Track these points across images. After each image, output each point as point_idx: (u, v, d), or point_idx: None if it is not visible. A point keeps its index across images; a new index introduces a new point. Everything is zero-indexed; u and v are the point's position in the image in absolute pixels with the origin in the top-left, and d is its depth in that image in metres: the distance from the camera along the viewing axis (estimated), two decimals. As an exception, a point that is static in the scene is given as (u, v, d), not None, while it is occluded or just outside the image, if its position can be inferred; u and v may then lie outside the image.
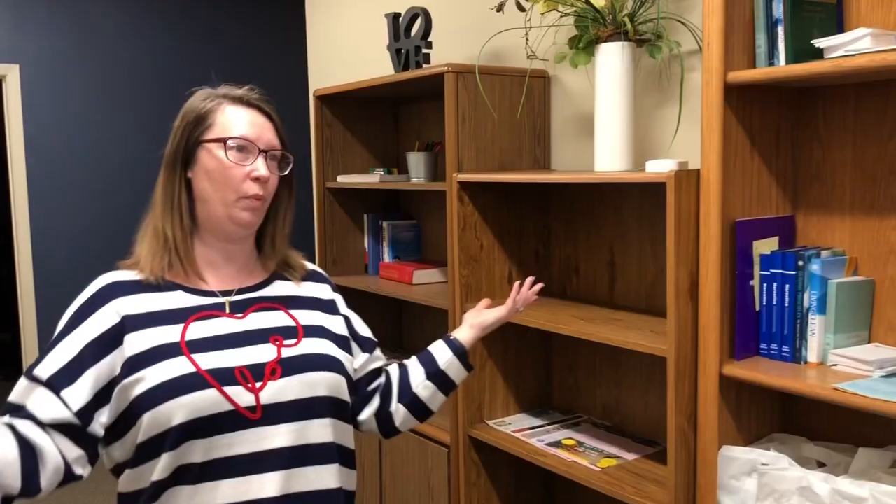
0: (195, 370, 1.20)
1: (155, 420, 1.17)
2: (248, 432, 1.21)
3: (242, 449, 1.21)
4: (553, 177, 1.99)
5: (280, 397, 1.24)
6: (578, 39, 2.07)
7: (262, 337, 1.28)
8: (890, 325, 1.64)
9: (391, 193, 3.20)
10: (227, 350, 1.24)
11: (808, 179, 1.76)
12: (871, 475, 1.52)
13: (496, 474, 2.38)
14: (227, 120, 1.29)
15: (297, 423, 1.25)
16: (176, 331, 1.24)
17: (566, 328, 1.98)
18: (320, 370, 1.29)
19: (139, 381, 1.19)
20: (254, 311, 1.32)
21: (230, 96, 1.33)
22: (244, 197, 1.28)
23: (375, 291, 2.78)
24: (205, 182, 1.29)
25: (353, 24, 3.48)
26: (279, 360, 1.26)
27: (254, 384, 1.22)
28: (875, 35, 1.45)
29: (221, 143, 1.28)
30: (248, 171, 1.28)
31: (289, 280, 1.41)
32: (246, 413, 1.21)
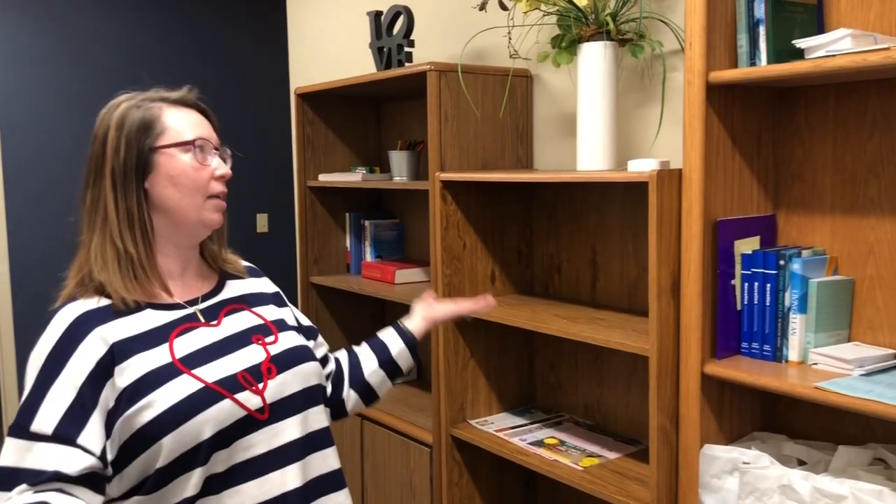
0: (204, 385, 1.20)
1: (180, 440, 1.16)
2: (261, 432, 1.24)
3: (259, 450, 1.24)
4: (536, 176, 1.98)
5: (281, 393, 1.29)
6: (561, 39, 2.07)
7: (245, 339, 1.31)
8: (869, 324, 1.65)
9: (373, 192, 3.19)
10: (221, 359, 1.25)
11: (789, 179, 1.77)
12: (850, 473, 1.53)
13: (478, 474, 2.38)
14: (178, 123, 1.27)
15: (300, 414, 1.31)
16: (163, 351, 1.22)
17: (549, 327, 1.98)
18: (305, 361, 1.35)
19: (146, 409, 1.16)
20: (224, 315, 1.33)
21: (169, 99, 1.30)
22: (212, 197, 1.29)
23: (358, 291, 2.77)
24: (168, 189, 1.26)
25: (334, 21, 3.46)
26: (270, 358, 1.30)
27: (256, 386, 1.25)
28: (855, 36, 1.46)
29: (185, 146, 1.26)
30: (211, 170, 1.29)
31: (237, 278, 1.42)
32: (256, 415, 1.24)
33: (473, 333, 2.34)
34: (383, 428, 2.62)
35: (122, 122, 1.25)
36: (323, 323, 3.09)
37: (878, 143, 1.61)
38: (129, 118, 1.26)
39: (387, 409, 2.66)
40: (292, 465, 1.27)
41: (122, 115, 1.26)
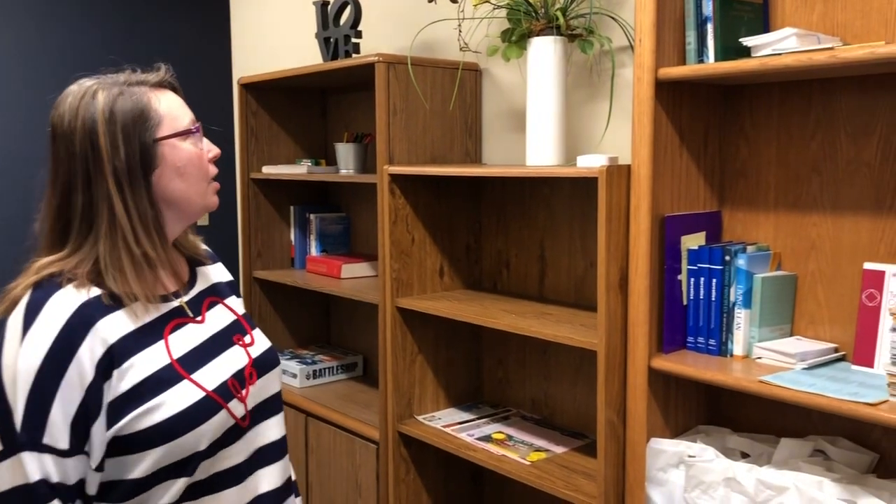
0: (205, 394, 1.16)
1: (175, 451, 1.11)
2: (242, 440, 1.22)
3: (240, 457, 1.21)
4: (485, 171, 1.97)
5: (259, 398, 1.26)
6: (511, 33, 2.06)
7: (228, 339, 1.27)
8: (811, 319, 1.69)
9: (319, 185, 3.14)
10: (212, 362, 1.21)
11: (735, 176, 1.80)
12: (792, 464, 1.56)
13: (425, 469, 2.36)
14: (170, 108, 1.20)
15: (273, 417, 1.28)
16: (160, 351, 1.15)
17: (497, 322, 1.97)
18: (276, 363, 1.33)
19: (145, 415, 1.10)
20: (206, 309, 1.28)
21: (150, 83, 1.21)
22: (212, 180, 1.26)
23: (302, 286, 2.72)
24: (176, 181, 1.19)
25: (279, 10, 3.39)
26: (252, 362, 1.27)
27: (241, 393, 1.22)
28: (800, 35, 1.48)
29: (185, 134, 1.20)
30: (207, 153, 1.25)
31: (203, 264, 1.37)
32: (240, 422, 1.21)
33: (421, 328, 2.32)
34: (328, 425, 2.58)
35: (112, 114, 1.13)
36: (266, 319, 3.03)
37: (821, 141, 1.64)
38: (119, 108, 1.14)
39: (332, 406, 2.62)
40: (267, 469, 1.26)
41: (107, 105, 1.14)
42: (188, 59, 4.00)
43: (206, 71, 4.07)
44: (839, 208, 1.63)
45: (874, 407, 1.34)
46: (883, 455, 1.58)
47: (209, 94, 4.09)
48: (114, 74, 1.21)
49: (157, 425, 1.10)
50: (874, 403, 1.35)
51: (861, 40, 1.55)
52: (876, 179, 1.57)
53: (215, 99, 4.04)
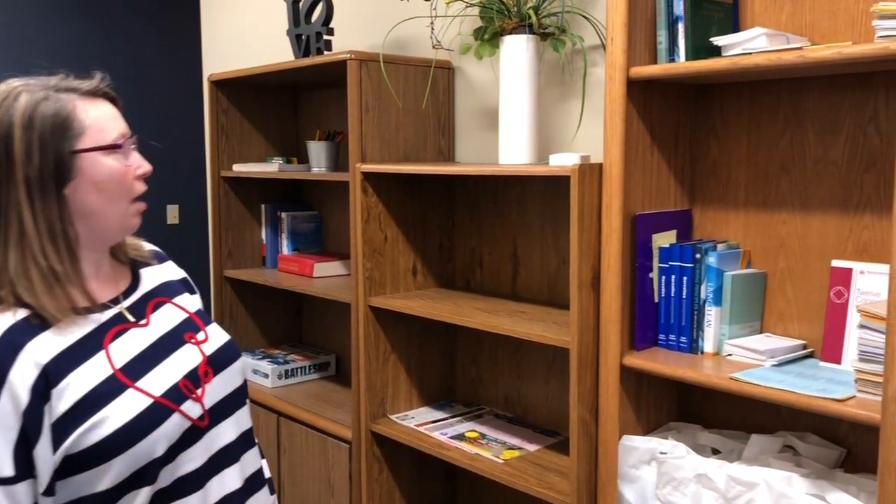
0: (153, 400, 1.13)
1: (131, 461, 1.09)
2: (203, 440, 1.19)
3: (202, 459, 1.19)
4: (457, 169, 1.97)
5: (217, 397, 1.23)
6: (483, 31, 2.06)
7: (178, 339, 1.24)
8: (780, 316, 1.70)
9: (290, 183, 3.11)
10: (160, 365, 1.18)
11: (705, 174, 1.81)
12: (762, 460, 1.58)
13: (399, 469, 2.36)
14: (97, 120, 1.14)
15: (234, 415, 1.26)
16: (101, 362, 1.12)
17: (470, 321, 1.97)
18: (235, 359, 1.31)
19: (91, 430, 1.07)
20: (151, 311, 1.25)
21: (81, 90, 1.15)
22: (135, 200, 1.20)
23: (274, 285, 2.70)
24: (91, 195, 1.14)
25: (250, 7, 3.36)
26: (206, 360, 1.24)
27: (196, 393, 1.20)
28: (769, 35, 1.50)
29: (111, 149, 1.14)
30: (134, 169, 1.19)
31: (147, 265, 1.34)
32: (198, 423, 1.18)
33: (394, 327, 2.31)
34: (300, 425, 2.56)
35: (31, 120, 1.09)
36: (238, 318, 3.00)
37: (790, 140, 1.66)
38: (39, 114, 1.09)
39: (304, 406, 2.60)
40: (231, 468, 1.24)
41: (27, 109, 1.09)
42: (158, 56, 3.94)
43: (175, 68, 4.02)
44: (808, 207, 1.65)
45: (842, 403, 1.36)
46: (850, 450, 1.61)
47: (179, 92, 4.04)
48: (46, 77, 1.16)
49: (106, 439, 1.07)
50: (842, 399, 1.37)
51: (829, 40, 1.57)
52: (843, 178, 1.59)
53: (185, 96, 4.00)
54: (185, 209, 4.20)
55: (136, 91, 3.84)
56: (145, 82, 3.83)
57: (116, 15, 3.86)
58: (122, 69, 3.71)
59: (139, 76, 3.82)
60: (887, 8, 1.31)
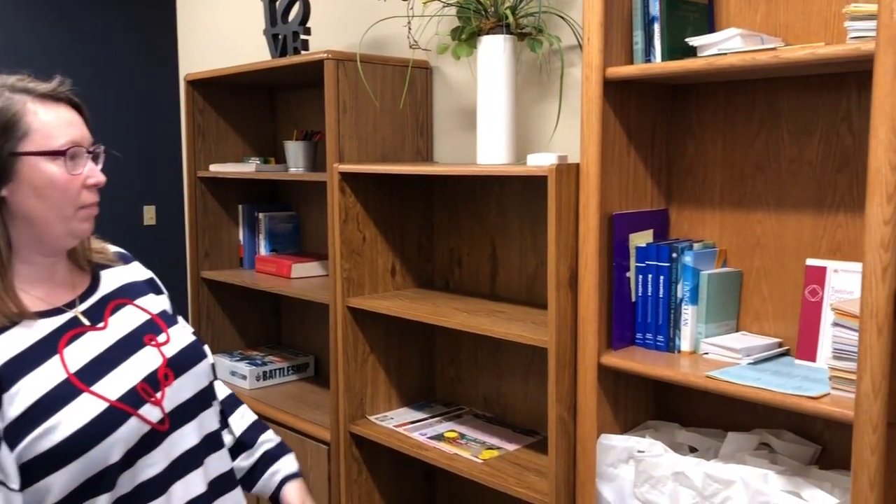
0: (108, 404, 1.11)
1: (85, 468, 1.07)
2: (163, 445, 1.17)
3: (163, 463, 1.17)
4: (435, 169, 1.97)
5: (178, 400, 1.21)
6: (461, 31, 2.06)
7: (137, 341, 1.22)
8: (756, 315, 1.72)
9: (268, 184, 3.09)
10: (117, 369, 1.16)
11: (681, 174, 1.82)
12: (738, 458, 1.59)
13: (378, 470, 2.35)
14: (46, 125, 1.11)
15: (196, 418, 1.24)
16: (55, 366, 1.11)
17: (449, 321, 1.96)
18: (199, 360, 1.28)
19: (44, 436, 1.05)
20: (110, 314, 1.23)
21: (36, 92, 1.13)
22: (83, 207, 1.16)
23: (251, 286, 2.68)
24: (31, 200, 1.11)
25: (227, 6, 3.33)
26: (166, 362, 1.22)
27: (155, 396, 1.17)
28: (744, 35, 1.51)
29: (55, 156, 1.11)
30: (83, 179, 1.15)
31: (109, 266, 1.31)
32: (157, 427, 1.17)
33: (373, 328, 2.30)
34: (278, 426, 2.54)
35: None
36: (215, 320, 2.98)
37: (765, 140, 1.68)
38: None
39: (282, 407, 2.59)
40: (195, 472, 1.22)
41: None
42: (133, 56, 3.91)
43: (152, 68, 3.98)
44: (782, 206, 1.66)
45: (816, 400, 1.37)
46: (825, 446, 1.62)
47: (155, 92, 4.01)
48: (5, 76, 1.15)
49: (58, 445, 1.05)
50: (816, 397, 1.38)
51: (802, 41, 1.59)
52: (817, 178, 1.61)
53: (162, 96, 3.96)
54: (161, 210, 4.16)
55: (112, 91, 3.80)
56: (121, 82, 3.80)
57: (91, 14, 3.82)
58: (96, 69, 3.67)
59: (114, 76, 3.78)
60: (859, 10, 1.32)
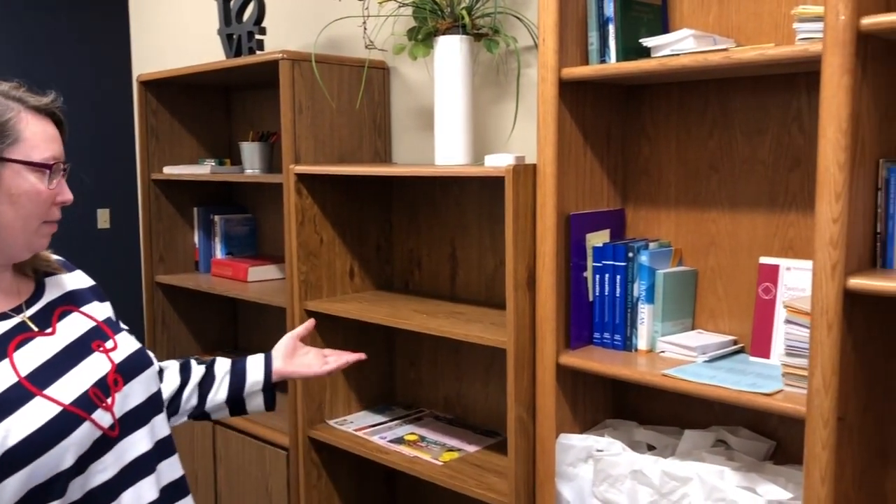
0: (62, 408, 1.09)
1: (36, 473, 1.05)
2: (114, 451, 1.17)
3: (113, 469, 1.16)
4: (392, 170, 1.95)
5: (128, 406, 1.21)
6: (417, 31, 2.05)
7: (85, 347, 1.21)
8: (711, 313, 1.74)
9: (223, 186, 3.05)
10: (68, 373, 1.15)
11: (637, 174, 1.83)
12: (695, 455, 1.61)
13: (338, 474, 2.33)
14: (35, 136, 1.14)
15: (147, 424, 1.24)
16: (5, 369, 1.09)
17: (408, 323, 1.95)
18: (147, 366, 1.28)
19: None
20: (57, 320, 1.22)
21: (29, 104, 1.15)
22: (47, 222, 1.17)
23: (207, 290, 2.64)
24: (4, 206, 1.12)
25: (180, 5, 3.28)
26: (115, 368, 1.21)
27: (106, 401, 1.17)
28: (697, 36, 1.52)
29: (40, 168, 1.13)
30: (54, 195, 1.17)
31: (53, 274, 1.30)
32: (108, 433, 1.16)
33: (331, 331, 2.28)
34: (237, 432, 2.51)
35: None
36: (170, 325, 2.93)
37: (718, 140, 1.69)
38: None
39: (241, 412, 2.55)
40: (146, 479, 1.21)
41: None
42: (85, 56, 3.82)
43: (104, 68, 3.90)
44: (736, 205, 1.68)
45: (770, 397, 1.39)
46: (780, 442, 1.64)
47: (108, 93, 3.93)
48: (2, 81, 1.17)
49: (10, 450, 1.04)
50: (770, 393, 1.40)
51: (754, 42, 1.61)
52: (770, 177, 1.63)
53: (114, 97, 3.88)
54: (115, 213, 4.08)
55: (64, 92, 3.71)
56: (72, 83, 3.71)
57: (41, 14, 3.72)
58: (47, 70, 3.58)
59: (66, 76, 3.70)
60: (806, 12, 1.34)
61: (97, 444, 1.14)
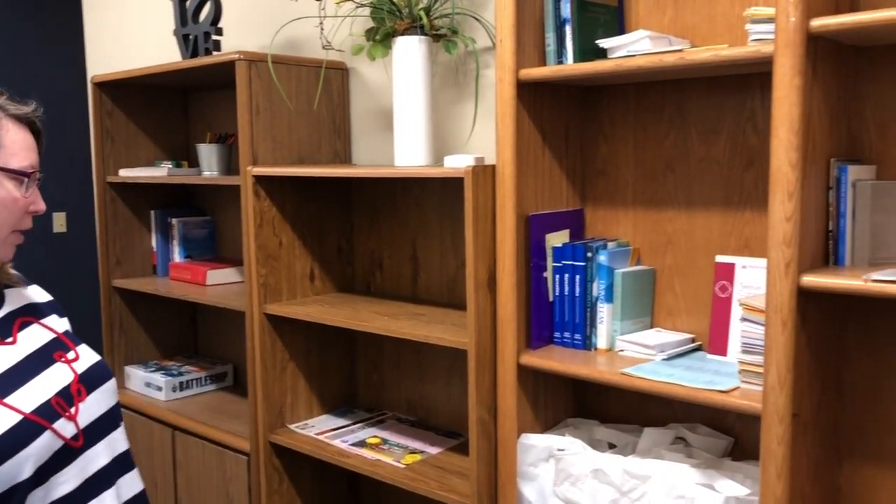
0: (22, 416, 1.07)
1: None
2: (77, 462, 1.14)
3: (75, 482, 1.14)
4: (351, 171, 1.94)
5: (91, 416, 1.19)
6: (375, 31, 2.03)
7: (48, 357, 1.19)
8: (669, 311, 1.75)
9: (181, 188, 3.00)
10: (30, 382, 1.12)
11: (595, 175, 1.84)
12: (655, 453, 1.62)
13: (300, 479, 2.30)
14: (14, 143, 1.13)
15: (108, 437, 1.22)
16: None
17: (369, 325, 1.94)
18: (108, 377, 1.26)
19: None
20: (17, 330, 1.19)
21: (11, 113, 1.16)
22: (16, 231, 1.17)
23: (165, 294, 2.60)
24: None
25: (135, 5, 3.22)
26: (78, 378, 1.19)
27: (69, 411, 1.15)
28: (652, 37, 1.53)
29: (19, 176, 1.12)
30: (28, 204, 1.16)
31: (12, 286, 1.29)
32: (71, 443, 1.13)
33: (291, 334, 2.26)
34: (196, 438, 2.47)
35: None
36: (128, 330, 2.88)
37: (674, 140, 1.71)
38: None
39: (200, 419, 2.51)
40: (107, 493, 1.19)
41: None
42: (38, 57, 3.74)
43: (58, 69, 3.82)
44: (692, 204, 1.70)
45: (726, 394, 1.41)
46: (737, 439, 1.66)
47: (62, 94, 3.85)
48: None
49: None
50: (726, 391, 1.41)
51: (709, 43, 1.62)
52: (725, 176, 1.65)
53: (69, 99, 3.81)
54: (72, 217, 4.00)
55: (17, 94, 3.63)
56: (26, 84, 3.63)
57: (-10, 12, 3.64)
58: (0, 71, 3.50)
59: (19, 78, 3.62)
60: (758, 13, 1.36)
61: (59, 455, 1.12)
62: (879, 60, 1.44)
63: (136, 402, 2.70)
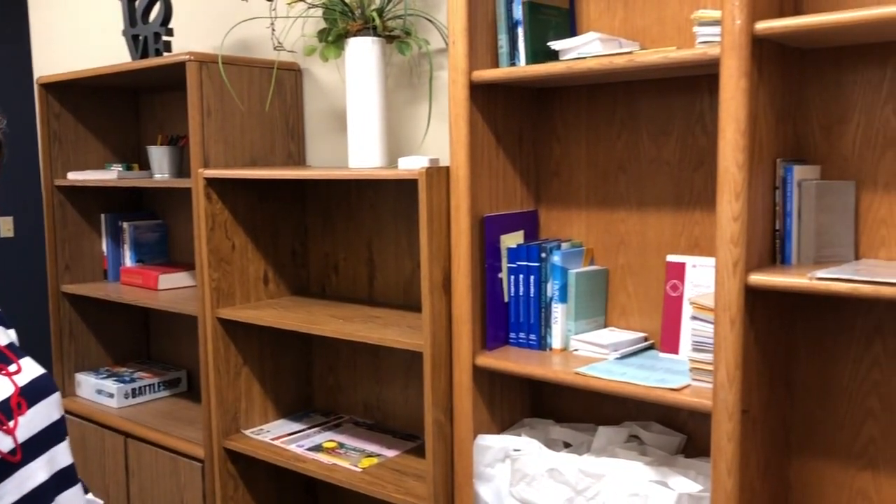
0: None
1: None
2: (13, 478, 1.10)
3: (11, 497, 1.10)
4: (304, 173, 1.92)
5: (31, 431, 1.14)
6: (327, 32, 2.02)
7: None
8: (622, 310, 1.77)
9: (132, 191, 2.95)
10: None
11: (548, 176, 1.85)
12: (609, 451, 1.63)
13: (255, 485, 2.28)
14: None
15: (49, 452, 1.17)
16: None
17: (323, 328, 1.92)
18: (52, 391, 1.21)
19: None
20: None
21: None
22: None
23: (117, 299, 2.55)
24: None
25: (84, 5, 3.16)
26: (19, 391, 1.15)
27: (7, 424, 1.10)
28: (603, 39, 1.55)
29: None
30: None
31: None
32: (9, 458, 1.09)
33: (245, 339, 2.23)
34: (149, 445, 2.43)
35: None
36: (79, 336, 2.81)
37: (626, 141, 1.73)
38: None
39: (152, 425, 2.47)
40: None
41: None
42: (-20, 56, 3.64)
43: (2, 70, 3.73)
44: (644, 205, 1.72)
45: (677, 392, 1.42)
46: (690, 436, 1.68)
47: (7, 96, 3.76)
48: None
49: None
50: (677, 388, 1.43)
51: (658, 45, 1.64)
52: (675, 177, 1.67)
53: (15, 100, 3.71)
54: (19, 221, 3.91)
55: (-43, 94, 3.53)
56: (-33, 84, 3.53)
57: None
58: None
59: (-40, 78, 3.52)
60: (705, 16, 1.38)
61: None
62: (823, 62, 1.47)
63: (88, 409, 2.64)
